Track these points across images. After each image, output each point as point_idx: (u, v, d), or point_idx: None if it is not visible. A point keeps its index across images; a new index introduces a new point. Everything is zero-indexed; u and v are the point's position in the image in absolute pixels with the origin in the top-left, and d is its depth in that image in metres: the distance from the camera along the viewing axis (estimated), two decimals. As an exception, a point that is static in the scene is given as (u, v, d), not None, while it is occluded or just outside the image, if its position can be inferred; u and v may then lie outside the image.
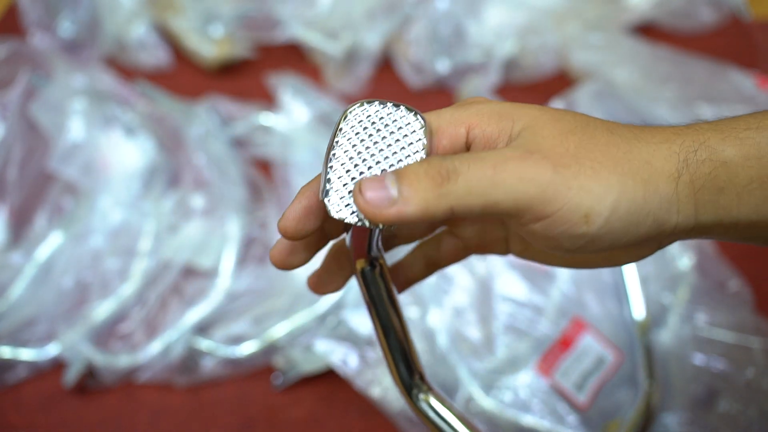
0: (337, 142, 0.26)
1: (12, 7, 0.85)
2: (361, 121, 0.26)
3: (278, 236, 0.29)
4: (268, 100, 0.73)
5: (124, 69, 0.77)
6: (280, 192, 0.65)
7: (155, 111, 0.69)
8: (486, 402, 0.51)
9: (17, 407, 0.54)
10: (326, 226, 0.29)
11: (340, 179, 0.25)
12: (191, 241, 0.60)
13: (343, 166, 0.25)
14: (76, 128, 0.64)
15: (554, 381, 0.52)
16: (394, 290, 0.30)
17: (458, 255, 0.33)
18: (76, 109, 0.64)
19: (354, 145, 0.26)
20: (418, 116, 0.26)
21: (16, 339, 0.56)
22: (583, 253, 0.25)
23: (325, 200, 0.25)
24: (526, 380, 0.52)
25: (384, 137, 0.26)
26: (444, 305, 0.55)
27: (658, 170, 0.25)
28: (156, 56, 0.78)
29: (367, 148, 0.25)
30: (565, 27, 0.77)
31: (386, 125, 0.26)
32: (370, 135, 0.26)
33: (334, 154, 0.26)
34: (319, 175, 0.27)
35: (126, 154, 0.65)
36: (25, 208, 0.63)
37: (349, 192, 0.25)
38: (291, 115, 0.68)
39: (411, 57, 0.76)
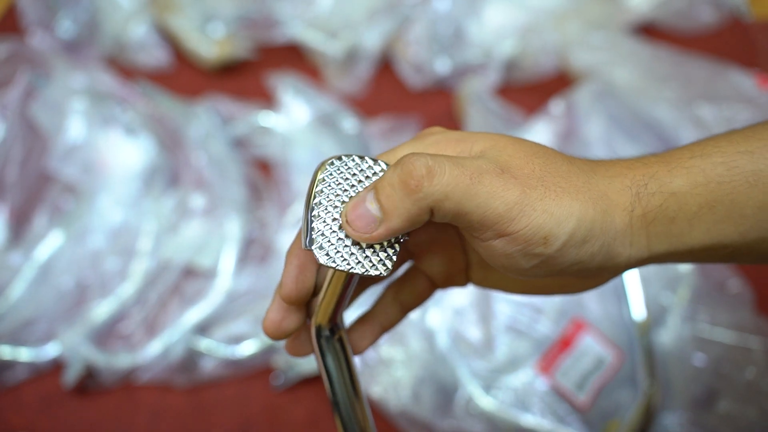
0: (318, 192, 0.27)
1: (12, 7, 0.85)
2: (333, 174, 0.27)
3: (278, 237, 0.29)
4: (268, 100, 0.73)
5: (124, 69, 0.77)
6: (280, 192, 0.65)
7: (155, 111, 0.69)
8: (486, 402, 0.51)
9: (17, 407, 0.54)
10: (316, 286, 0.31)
11: (326, 226, 0.26)
12: (191, 241, 0.60)
13: (327, 213, 0.27)
14: (75, 128, 0.64)
15: (554, 381, 0.52)
16: (352, 358, 0.31)
17: (427, 293, 0.33)
18: (75, 109, 0.64)
19: (335, 195, 0.27)
20: (380, 162, 0.28)
21: (16, 339, 0.56)
22: (537, 276, 0.26)
23: (313, 248, 0.26)
24: (526, 380, 0.52)
25: (354, 185, 0.27)
26: (444, 305, 0.55)
27: (614, 202, 0.25)
28: (156, 56, 0.78)
29: (345, 195, 0.27)
30: (565, 27, 0.77)
31: (355, 174, 0.28)
32: (345, 187, 0.27)
33: (317, 203, 0.27)
34: (300, 233, 0.28)
35: (126, 154, 0.65)
36: (25, 208, 0.63)
37: (337, 239, 0.26)
38: (291, 115, 0.68)
39: (411, 57, 0.76)
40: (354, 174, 0.28)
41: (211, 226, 0.61)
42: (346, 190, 0.27)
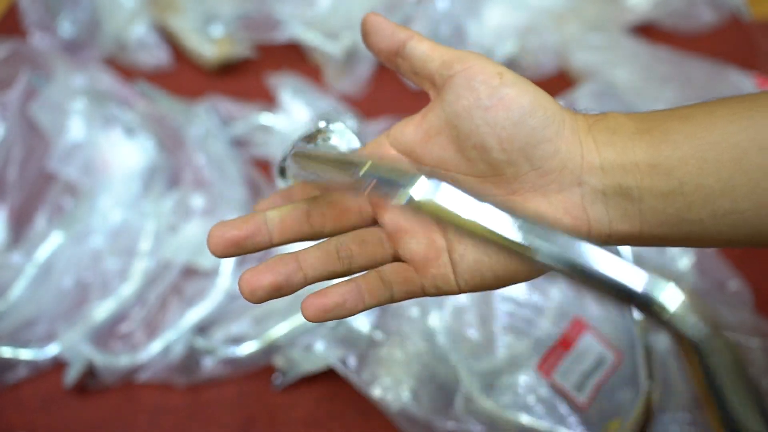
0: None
1: (12, 7, 0.85)
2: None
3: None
4: (268, 100, 0.73)
5: (124, 69, 0.77)
6: (280, 192, 0.65)
7: (155, 111, 0.69)
8: (486, 402, 0.51)
9: (17, 407, 0.54)
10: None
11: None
12: (191, 241, 0.60)
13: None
14: (76, 128, 0.64)
15: (554, 381, 0.52)
16: None
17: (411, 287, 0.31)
18: (76, 109, 0.64)
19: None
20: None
21: (16, 339, 0.56)
22: (503, 152, 0.28)
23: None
24: (526, 380, 0.52)
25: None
26: (444, 305, 0.55)
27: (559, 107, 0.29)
28: (156, 56, 0.78)
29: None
30: (565, 27, 0.77)
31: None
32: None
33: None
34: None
35: (126, 154, 0.65)
36: (25, 208, 0.63)
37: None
38: (291, 115, 0.68)
39: (411, 57, 0.76)
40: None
41: (211, 226, 0.61)
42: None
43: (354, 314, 0.30)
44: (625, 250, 0.57)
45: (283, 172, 0.35)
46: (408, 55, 0.30)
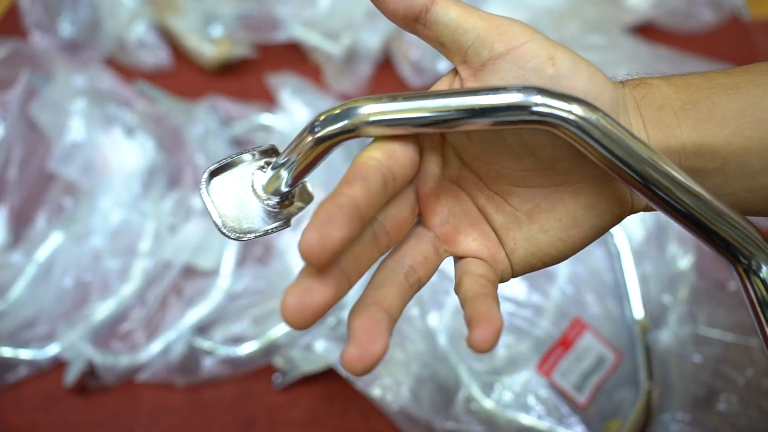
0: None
1: (12, 7, 0.85)
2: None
3: (277, 237, 0.29)
4: (268, 100, 0.73)
5: (124, 69, 0.77)
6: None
7: (155, 111, 0.69)
8: (486, 402, 0.51)
9: (18, 407, 0.54)
10: None
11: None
12: (191, 241, 0.60)
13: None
14: (76, 128, 0.64)
15: (554, 381, 0.52)
16: None
17: (435, 258, 0.29)
18: (76, 109, 0.64)
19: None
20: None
21: (16, 339, 0.56)
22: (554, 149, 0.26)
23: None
24: (526, 380, 0.52)
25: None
26: (444, 305, 0.55)
27: (608, 79, 0.27)
28: (156, 56, 0.78)
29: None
30: (565, 27, 0.77)
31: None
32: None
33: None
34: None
35: (126, 154, 0.65)
36: (25, 208, 0.63)
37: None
38: (291, 115, 0.68)
39: (411, 57, 0.76)
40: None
41: (212, 226, 0.61)
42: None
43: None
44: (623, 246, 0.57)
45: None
46: (433, 23, 0.26)
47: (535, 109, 0.23)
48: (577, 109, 0.23)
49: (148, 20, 0.79)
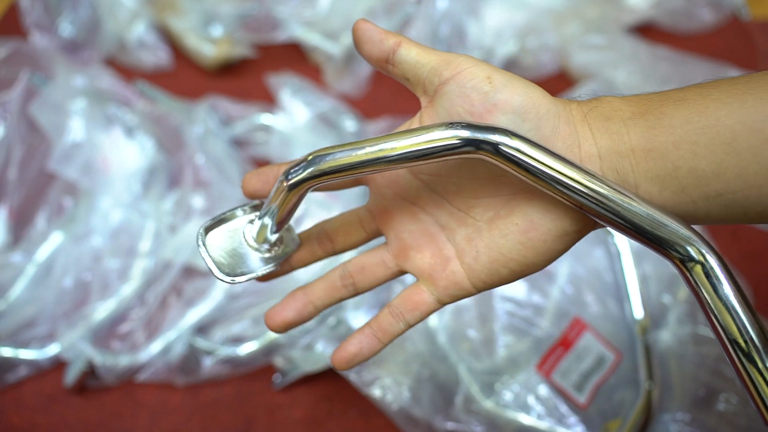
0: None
1: (12, 7, 0.85)
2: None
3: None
4: (268, 100, 0.73)
5: (124, 69, 0.77)
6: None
7: (155, 111, 0.69)
8: (486, 402, 0.51)
9: (18, 407, 0.54)
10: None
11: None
12: (191, 241, 0.60)
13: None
14: (76, 128, 0.64)
15: (554, 381, 0.52)
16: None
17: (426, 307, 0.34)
18: (76, 109, 0.64)
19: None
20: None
21: (16, 339, 0.56)
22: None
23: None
24: (526, 380, 0.52)
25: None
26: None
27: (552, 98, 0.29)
28: (156, 56, 0.78)
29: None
30: (565, 27, 0.78)
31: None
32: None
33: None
34: None
35: (126, 154, 0.65)
36: (25, 208, 0.63)
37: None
38: (291, 115, 0.68)
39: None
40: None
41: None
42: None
43: (376, 354, 0.34)
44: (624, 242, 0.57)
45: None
46: (398, 62, 0.30)
47: (461, 140, 0.27)
48: (497, 137, 0.27)
49: (148, 20, 0.79)
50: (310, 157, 0.29)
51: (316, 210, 0.62)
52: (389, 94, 0.76)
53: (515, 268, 0.31)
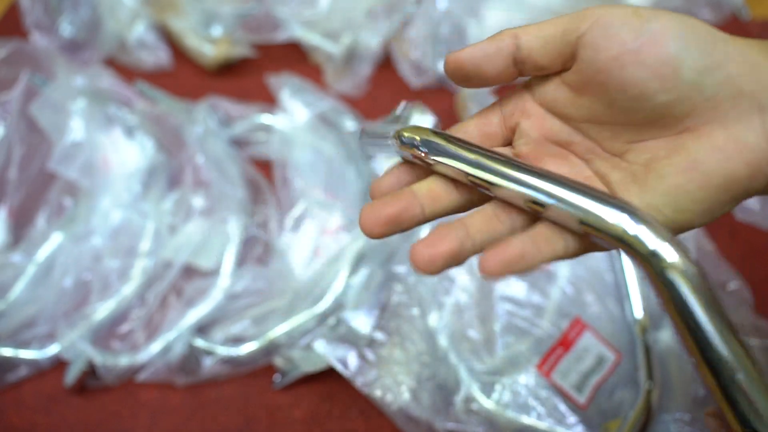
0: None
1: (12, 7, 0.85)
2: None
3: (278, 237, 0.29)
4: (268, 100, 0.73)
5: (124, 69, 0.77)
6: (280, 192, 0.65)
7: (155, 111, 0.69)
8: (486, 402, 0.51)
9: (18, 407, 0.54)
10: None
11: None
12: (191, 241, 0.60)
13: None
14: (76, 128, 0.64)
15: (554, 381, 0.52)
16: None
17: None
18: (76, 109, 0.64)
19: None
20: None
21: (16, 339, 0.56)
22: (668, 95, 0.25)
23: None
24: (526, 380, 0.52)
25: None
26: (444, 305, 0.55)
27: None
28: (156, 56, 0.78)
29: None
30: (565, 27, 0.77)
31: None
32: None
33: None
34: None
35: (126, 154, 0.65)
36: (25, 208, 0.63)
37: None
38: (291, 115, 0.68)
39: (411, 57, 0.76)
40: None
41: (211, 226, 0.61)
42: None
43: (533, 269, 0.26)
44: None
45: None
46: (527, 55, 0.26)
47: (632, 241, 0.24)
48: (678, 261, 0.23)
49: (148, 20, 0.79)
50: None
51: (316, 210, 0.62)
52: (389, 94, 0.76)
53: (669, 214, 0.26)
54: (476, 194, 0.29)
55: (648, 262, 0.24)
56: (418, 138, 0.28)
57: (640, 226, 0.24)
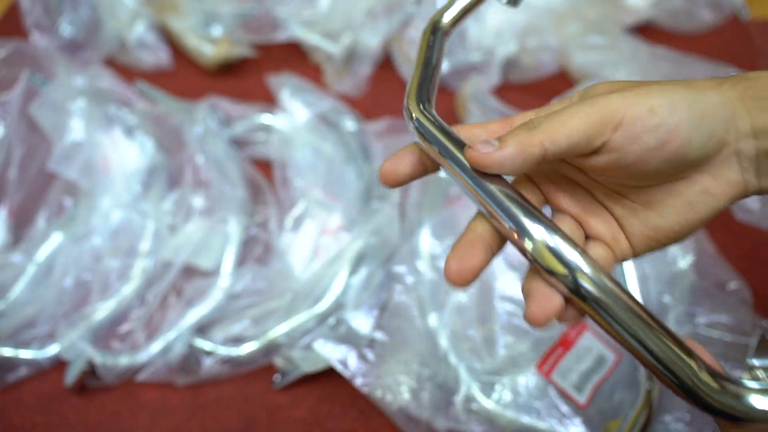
0: None
1: (13, 7, 0.85)
2: None
3: (278, 236, 0.29)
4: (268, 100, 0.73)
5: (124, 69, 0.77)
6: (280, 192, 0.65)
7: (155, 111, 0.69)
8: (486, 402, 0.51)
9: (18, 406, 0.54)
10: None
11: None
12: (191, 241, 0.60)
13: None
14: (76, 128, 0.64)
15: (554, 381, 0.52)
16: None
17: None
18: (76, 109, 0.64)
19: None
20: None
21: (16, 339, 0.56)
22: (675, 169, 0.29)
23: None
24: (526, 380, 0.52)
25: None
26: (444, 305, 0.55)
27: (700, 84, 0.29)
28: (156, 56, 0.78)
29: None
30: (565, 27, 0.78)
31: None
32: None
33: None
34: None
35: (126, 154, 0.65)
36: (25, 208, 0.63)
37: None
38: (291, 115, 0.68)
39: (411, 57, 0.76)
40: None
41: (211, 226, 0.61)
42: None
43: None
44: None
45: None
46: (551, 158, 0.28)
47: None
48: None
49: (148, 20, 0.79)
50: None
51: (316, 210, 0.62)
52: (389, 94, 0.76)
53: (667, 242, 0.32)
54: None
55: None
56: None
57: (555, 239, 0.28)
